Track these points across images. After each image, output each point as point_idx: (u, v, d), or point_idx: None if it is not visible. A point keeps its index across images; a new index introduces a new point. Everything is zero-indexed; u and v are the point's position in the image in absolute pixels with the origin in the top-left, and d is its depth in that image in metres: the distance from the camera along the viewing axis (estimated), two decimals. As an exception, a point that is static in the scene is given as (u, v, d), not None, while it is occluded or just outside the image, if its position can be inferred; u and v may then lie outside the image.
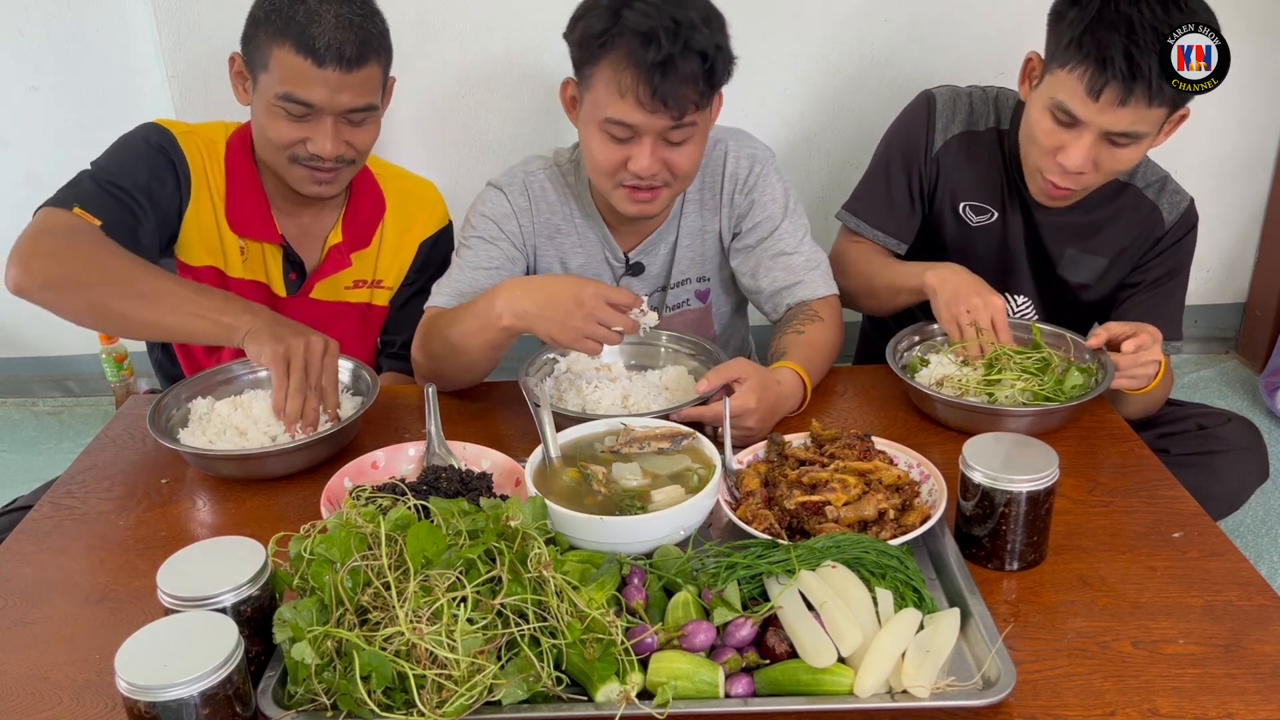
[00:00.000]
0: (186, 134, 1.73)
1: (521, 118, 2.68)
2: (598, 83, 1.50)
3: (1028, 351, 1.57)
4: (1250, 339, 3.05)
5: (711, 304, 1.84)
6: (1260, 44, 2.66)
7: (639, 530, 1.14)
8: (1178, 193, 1.75)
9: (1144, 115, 1.51)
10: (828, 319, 1.66)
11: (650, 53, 1.43)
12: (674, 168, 1.57)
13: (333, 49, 1.56)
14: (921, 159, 1.83)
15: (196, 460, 1.43)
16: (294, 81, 1.58)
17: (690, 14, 1.46)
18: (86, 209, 1.58)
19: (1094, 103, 1.50)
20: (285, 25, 1.57)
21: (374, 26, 1.63)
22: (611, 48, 1.47)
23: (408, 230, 1.87)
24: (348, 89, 1.61)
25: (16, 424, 3.02)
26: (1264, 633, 1.08)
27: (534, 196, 1.72)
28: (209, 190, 1.74)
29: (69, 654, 1.11)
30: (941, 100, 1.82)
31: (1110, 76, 1.47)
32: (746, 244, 1.74)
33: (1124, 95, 1.48)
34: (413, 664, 0.93)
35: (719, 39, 1.49)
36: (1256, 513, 2.31)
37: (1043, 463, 1.16)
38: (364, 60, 1.60)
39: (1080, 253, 1.79)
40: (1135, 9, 1.46)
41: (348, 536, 1.02)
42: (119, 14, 2.56)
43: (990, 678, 0.99)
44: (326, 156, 1.65)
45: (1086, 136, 1.55)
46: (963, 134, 1.81)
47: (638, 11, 1.45)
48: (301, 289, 1.82)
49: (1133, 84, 1.47)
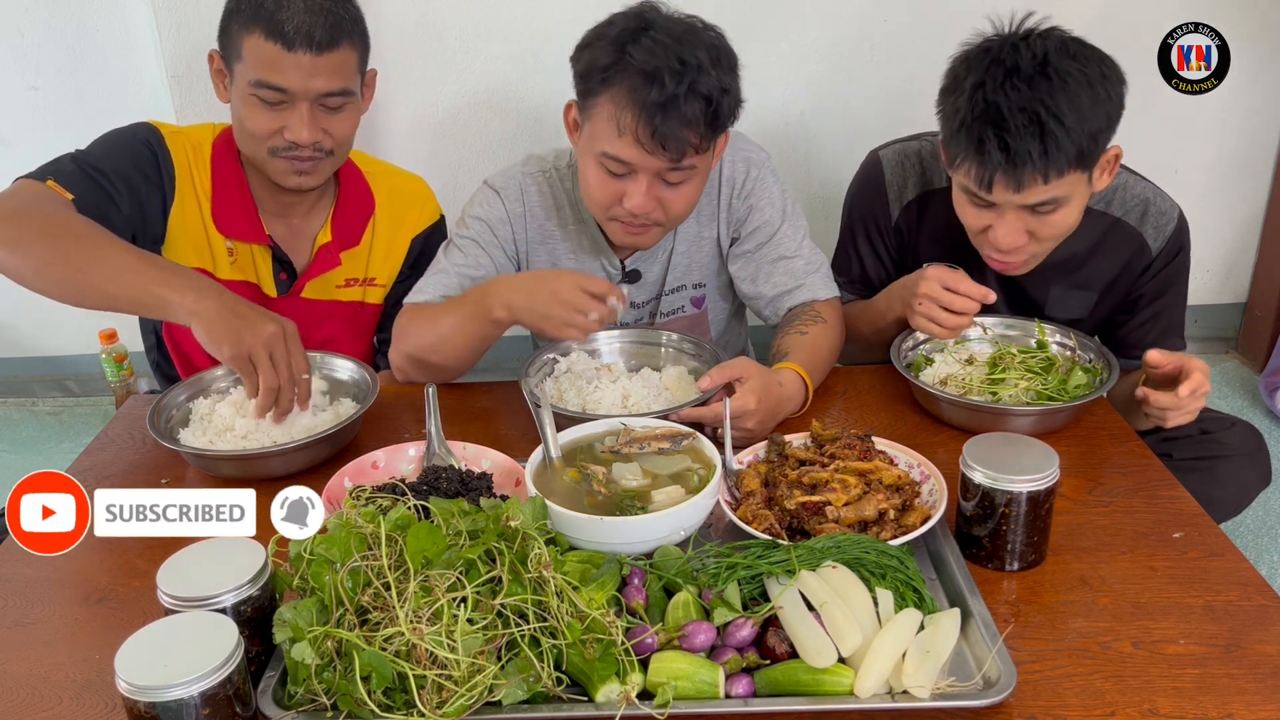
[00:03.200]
0: (174, 135, 1.73)
1: (522, 120, 2.68)
2: (598, 116, 1.48)
3: (1032, 351, 1.56)
4: (1250, 339, 3.05)
5: (707, 310, 1.83)
6: (1260, 44, 2.66)
7: (639, 530, 1.14)
8: (1162, 214, 1.66)
9: (1051, 187, 1.43)
10: (830, 320, 1.66)
11: (652, 92, 1.40)
12: (668, 208, 1.54)
13: (302, 32, 1.56)
14: (884, 230, 1.79)
15: (196, 460, 1.43)
16: (266, 68, 1.58)
17: (698, 54, 1.42)
18: (61, 184, 1.58)
19: (990, 193, 1.46)
20: (255, 12, 1.57)
21: (345, 11, 1.62)
22: (614, 83, 1.44)
23: (399, 227, 1.86)
24: (321, 73, 1.59)
25: (16, 424, 3.02)
26: (1264, 633, 1.08)
27: (529, 202, 1.70)
28: (195, 191, 1.73)
29: (69, 654, 1.11)
30: (890, 168, 1.77)
31: (994, 168, 1.42)
32: (745, 249, 1.73)
33: (1015, 182, 1.43)
34: (413, 664, 0.93)
35: (726, 81, 1.45)
36: (1257, 513, 2.31)
37: (1043, 463, 1.16)
38: (335, 43, 1.59)
39: (1066, 290, 1.72)
40: (1002, 94, 1.40)
41: (348, 537, 1.02)
42: (119, 14, 2.56)
43: (990, 678, 0.99)
44: (304, 143, 1.63)
45: (1009, 214, 1.49)
46: (919, 196, 1.76)
47: (644, 48, 1.42)
48: (292, 289, 1.81)
49: (1019, 170, 1.41)
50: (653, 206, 1.53)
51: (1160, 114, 2.33)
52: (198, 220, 1.74)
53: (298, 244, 1.81)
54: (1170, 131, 2.68)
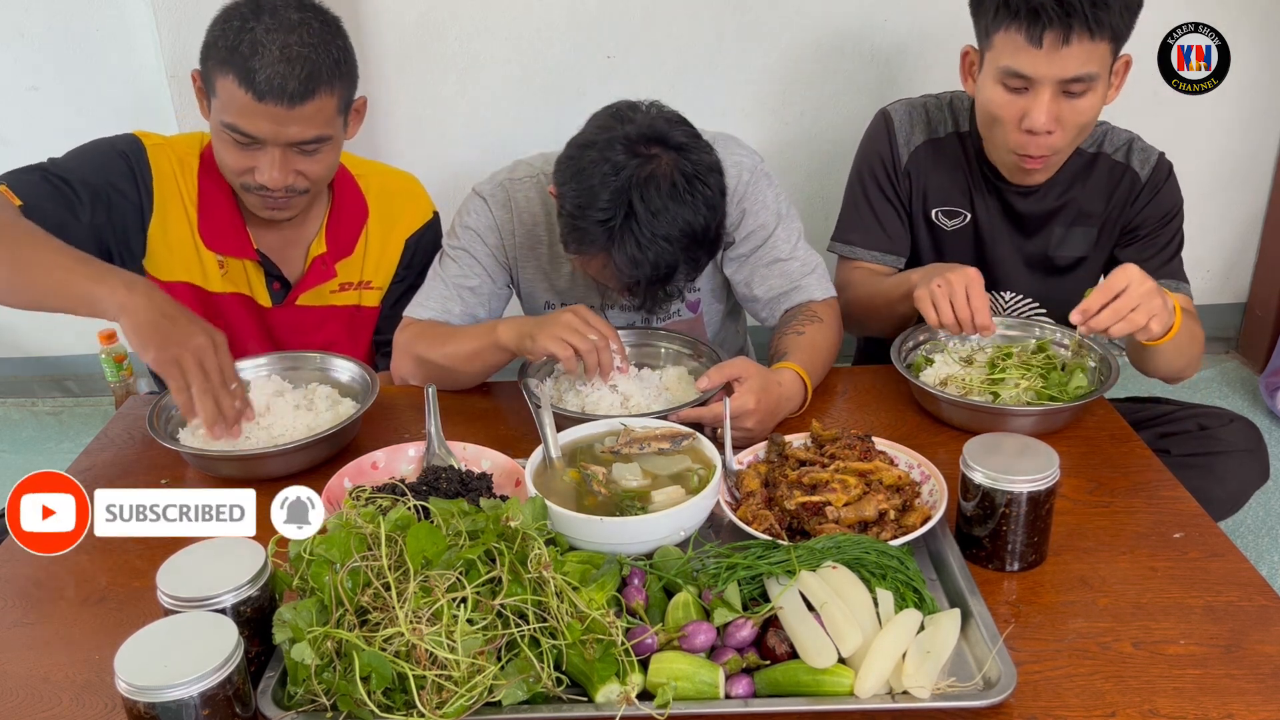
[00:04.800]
0: (158, 146, 1.69)
1: (522, 119, 2.68)
2: (599, 263, 1.47)
3: (1028, 343, 1.57)
4: (1250, 339, 3.05)
5: (702, 313, 1.83)
6: (1260, 44, 2.66)
7: (639, 531, 1.14)
8: (1145, 150, 1.77)
9: (1090, 52, 1.53)
10: (828, 320, 1.66)
11: (631, 272, 1.42)
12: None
13: (274, 84, 1.48)
14: (892, 174, 1.85)
15: (196, 460, 1.43)
16: (236, 113, 1.51)
17: (680, 254, 1.42)
18: (13, 189, 1.55)
19: (1039, 50, 1.53)
20: (229, 55, 1.49)
21: (327, 55, 1.52)
22: (600, 248, 1.42)
23: (392, 229, 1.83)
24: (294, 122, 1.52)
25: (16, 424, 3.02)
26: (1264, 633, 1.08)
27: (517, 208, 1.70)
28: (182, 204, 1.69)
29: (69, 654, 1.11)
30: (898, 115, 1.85)
31: (1046, 21, 1.51)
32: (740, 253, 1.72)
33: (1065, 33, 1.51)
34: (413, 664, 0.93)
35: (704, 257, 1.47)
36: (1257, 513, 2.31)
37: (1043, 463, 1.16)
38: (310, 94, 1.51)
39: (1068, 229, 1.81)
40: None
41: (348, 537, 1.02)
42: (119, 14, 2.56)
43: (991, 678, 0.99)
44: (273, 187, 1.58)
45: (1043, 93, 1.57)
46: (925, 143, 1.84)
47: (625, 252, 1.40)
48: (286, 299, 1.78)
49: (1070, 20, 1.50)
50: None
51: (1160, 114, 2.33)
52: (186, 233, 1.70)
53: (291, 253, 1.78)
54: (1170, 131, 2.68)
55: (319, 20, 1.54)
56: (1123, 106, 1.70)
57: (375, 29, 2.60)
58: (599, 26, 2.58)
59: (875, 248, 1.86)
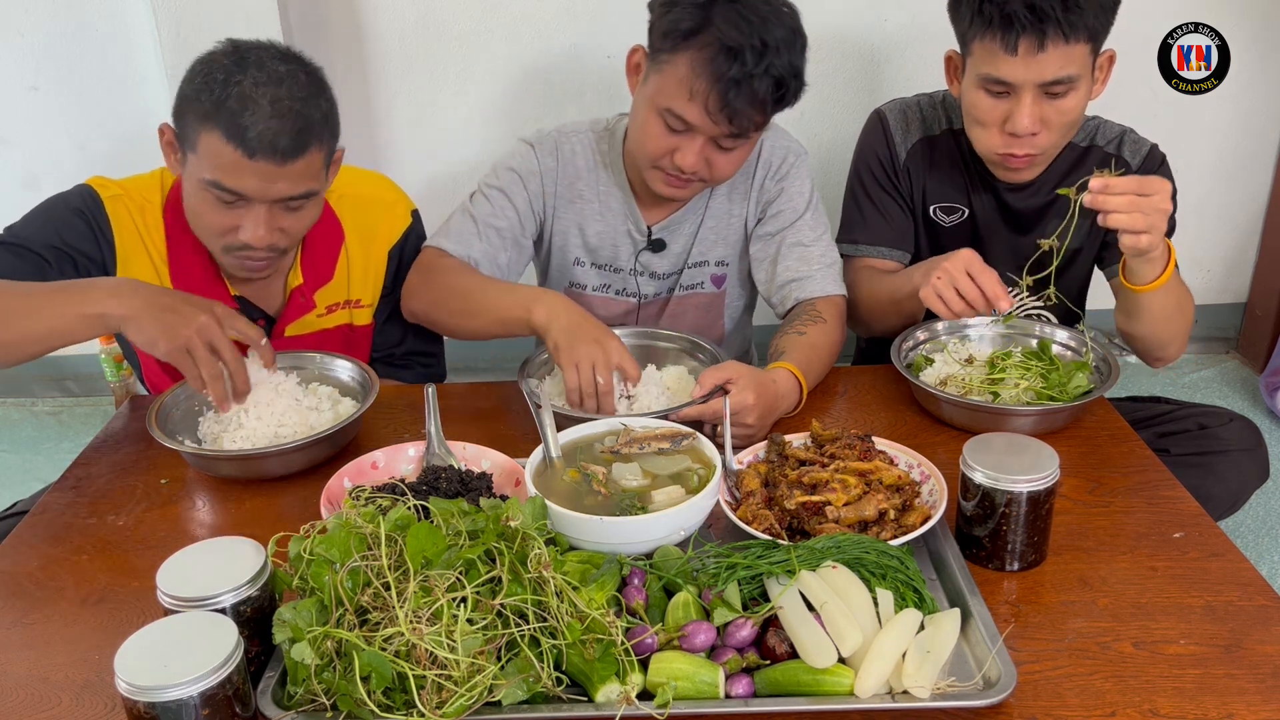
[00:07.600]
0: (115, 198, 1.62)
1: (522, 120, 2.68)
2: (670, 73, 1.52)
3: (1031, 340, 1.58)
4: (1250, 339, 3.05)
5: (725, 291, 1.86)
6: (1260, 44, 2.66)
7: (639, 531, 1.14)
8: (1137, 141, 1.78)
9: (1067, 55, 1.54)
10: (830, 320, 1.66)
11: (732, 69, 1.46)
12: (715, 169, 1.61)
13: (265, 140, 1.42)
14: (891, 172, 1.87)
15: (196, 460, 1.43)
16: (223, 170, 1.45)
17: (778, 34, 1.48)
18: None
19: (1015, 57, 1.54)
20: (215, 109, 1.42)
21: (316, 110, 1.48)
22: (694, 48, 1.48)
23: (371, 244, 1.76)
24: (283, 179, 1.47)
25: (16, 424, 3.02)
26: (1265, 633, 1.08)
27: (563, 158, 1.74)
28: (148, 253, 1.63)
29: (69, 654, 1.11)
30: (893, 115, 1.87)
31: (1020, 28, 1.52)
32: (767, 230, 1.77)
33: (1039, 39, 1.52)
34: (413, 664, 0.93)
35: (798, 63, 1.52)
36: (1257, 513, 2.31)
37: (1043, 463, 1.16)
38: (301, 150, 1.46)
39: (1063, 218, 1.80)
40: None
41: (347, 537, 1.02)
42: (119, 14, 2.56)
43: (991, 678, 0.99)
44: (258, 246, 1.51)
45: (1025, 97, 1.58)
46: (921, 140, 1.85)
47: (728, 20, 1.46)
48: (272, 334, 1.71)
49: (1043, 26, 1.51)
50: (702, 165, 1.59)
51: (1160, 114, 2.33)
52: (156, 282, 1.62)
53: (269, 290, 1.71)
54: (1170, 132, 2.67)
55: (304, 72, 1.50)
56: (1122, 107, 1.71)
57: (375, 29, 2.60)
58: (599, 27, 2.59)
59: (880, 243, 1.87)
